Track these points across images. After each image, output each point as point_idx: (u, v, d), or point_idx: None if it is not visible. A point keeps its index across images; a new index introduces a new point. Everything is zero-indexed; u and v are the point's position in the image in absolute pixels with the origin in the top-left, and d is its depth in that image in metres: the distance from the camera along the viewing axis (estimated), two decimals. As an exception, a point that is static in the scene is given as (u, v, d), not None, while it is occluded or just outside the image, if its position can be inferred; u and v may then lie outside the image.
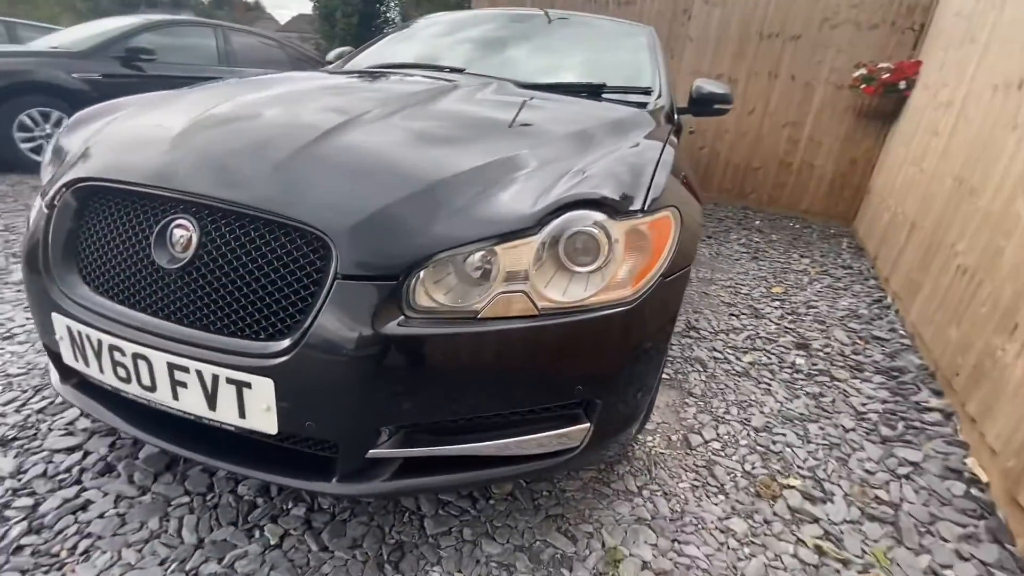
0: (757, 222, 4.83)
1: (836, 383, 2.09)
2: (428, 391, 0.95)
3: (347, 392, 0.92)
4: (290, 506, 1.24)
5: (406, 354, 0.91)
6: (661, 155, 1.25)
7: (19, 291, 2.15)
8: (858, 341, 2.48)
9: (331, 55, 2.73)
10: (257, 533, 1.16)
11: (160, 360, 0.95)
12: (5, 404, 1.48)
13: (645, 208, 1.06)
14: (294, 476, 1.00)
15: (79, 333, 1.01)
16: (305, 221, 0.91)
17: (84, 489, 1.22)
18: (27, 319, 1.93)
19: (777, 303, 2.85)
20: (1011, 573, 1.25)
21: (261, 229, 0.94)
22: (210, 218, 0.96)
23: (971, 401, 1.78)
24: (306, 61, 6.07)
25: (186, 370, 0.93)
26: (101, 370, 1.02)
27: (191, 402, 0.96)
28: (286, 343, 0.89)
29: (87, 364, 1.04)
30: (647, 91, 2.06)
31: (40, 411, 1.47)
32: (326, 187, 0.97)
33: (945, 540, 1.34)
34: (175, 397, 0.97)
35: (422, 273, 0.91)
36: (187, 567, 1.07)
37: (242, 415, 0.94)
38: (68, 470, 1.27)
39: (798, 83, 5.12)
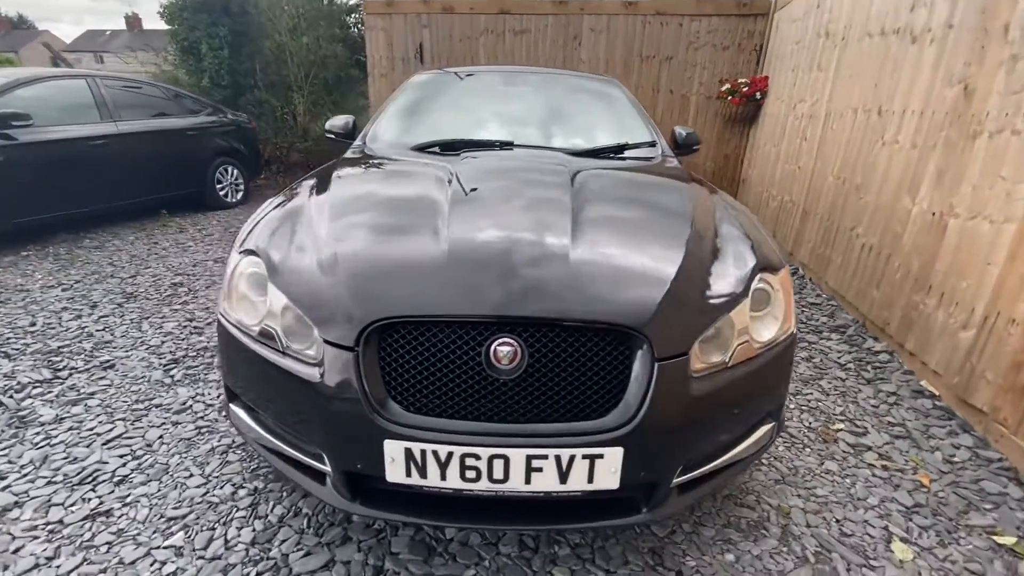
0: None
1: (812, 345, 2.81)
2: (709, 427, 1.29)
3: (671, 443, 1.22)
4: (555, 549, 1.48)
5: (702, 406, 1.24)
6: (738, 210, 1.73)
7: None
8: (804, 308, 3.28)
9: (336, 124, 2.75)
10: (547, 577, 1.39)
11: (519, 455, 1.15)
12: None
13: (781, 263, 1.51)
14: (611, 518, 1.27)
15: (421, 451, 1.16)
16: (623, 324, 1.18)
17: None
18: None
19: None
20: (983, 443, 1.97)
21: (581, 334, 1.19)
22: (532, 332, 1.18)
23: (907, 341, 2.58)
24: (189, 100, 5.56)
25: (544, 457, 1.15)
26: (443, 477, 1.17)
27: (543, 483, 1.18)
28: (632, 417, 1.17)
29: (423, 476, 1.18)
30: (652, 144, 2.53)
31: (251, 542, 1.47)
32: (615, 289, 1.25)
33: (940, 438, 2.04)
34: (527, 482, 1.17)
35: (696, 345, 1.25)
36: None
37: (590, 481, 1.18)
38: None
39: (676, 95, 6.10)
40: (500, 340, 1.18)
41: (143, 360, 2.44)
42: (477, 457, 1.15)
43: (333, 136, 2.76)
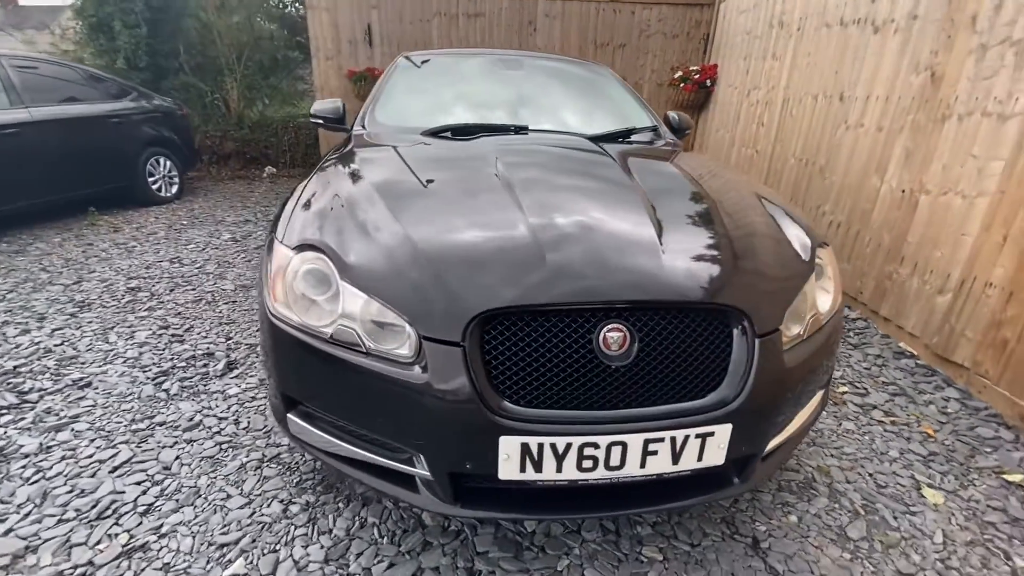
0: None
1: (796, 317, 3.01)
2: (794, 397, 1.34)
3: (770, 415, 1.26)
4: (638, 530, 1.49)
5: (793, 377, 1.29)
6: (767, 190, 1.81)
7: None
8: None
9: (324, 108, 2.56)
10: (642, 558, 1.40)
11: (637, 440, 1.14)
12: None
13: (825, 240, 1.60)
14: (707, 492, 1.29)
15: (539, 445, 1.11)
16: (726, 303, 1.20)
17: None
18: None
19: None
20: (967, 395, 2.22)
21: (684, 315, 1.19)
22: (639, 316, 1.17)
23: (882, 308, 2.83)
24: (112, 83, 4.97)
25: (661, 440, 1.15)
26: (559, 469, 1.14)
27: (657, 465, 1.17)
28: (738, 393, 1.19)
29: (538, 470, 1.14)
30: (655, 128, 2.58)
31: (324, 560, 1.36)
32: (709, 269, 1.27)
33: (930, 392, 2.27)
34: (642, 466, 1.17)
35: (785, 319, 1.29)
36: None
37: (699, 459, 1.20)
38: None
39: (630, 82, 6.20)
40: (610, 326, 1.15)
41: (124, 375, 2.17)
42: (596, 446, 1.13)
43: (321, 121, 2.57)
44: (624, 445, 1.14)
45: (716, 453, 1.21)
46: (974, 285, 2.24)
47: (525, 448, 1.12)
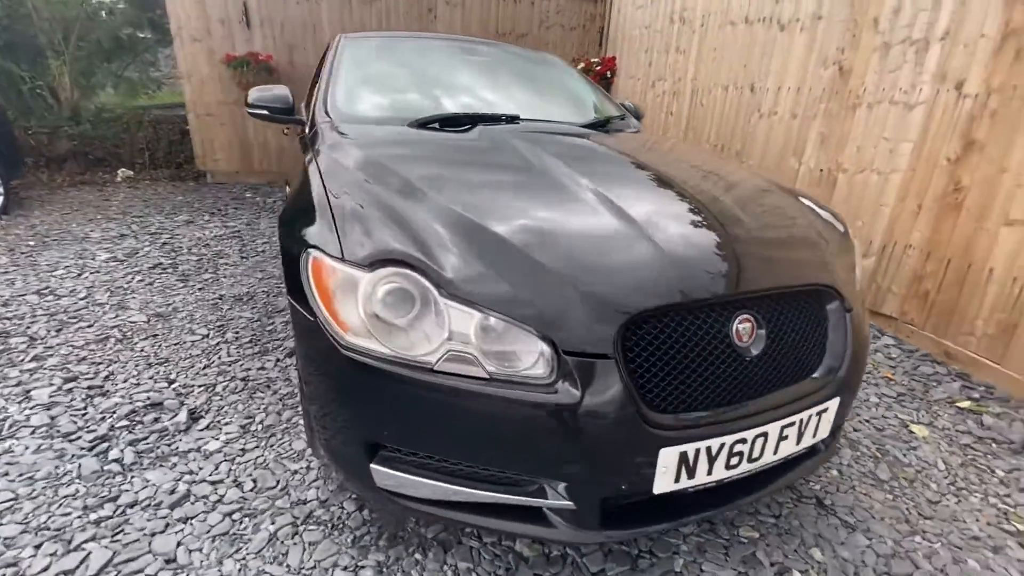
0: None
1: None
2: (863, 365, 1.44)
3: (861, 380, 1.34)
4: (727, 515, 1.51)
5: (866, 346, 1.38)
6: None
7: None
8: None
9: (266, 97, 2.18)
10: (742, 539, 1.42)
11: (775, 428, 1.13)
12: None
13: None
14: (804, 466, 1.34)
15: (696, 451, 1.05)
16: (824, 283, 1.25)
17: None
18: None
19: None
20: (899, 341, 2.62)
21: (792, 299, 1.21)
22: (761, 305, 1.16)
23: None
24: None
25: (792, 424, 1.16)
26: (709, 472, 1.09)
27: (786, 448, 1.18)
28: (839, 366, 1.24)
29: (692, 476, 1.08)
30: (623, 117, 2.62)
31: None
32: (799, 253, 1.31)
33: (871, 342, 2.64)
34: (775, 452, 1.17)
35: None
36: None
37: (813, 435, 1.23)
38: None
39: (533, 73, 6.30)
40: (741, 317, 1.13)
41: (43, 450, 1.64)
42: (744, 441, 1.11)
43: (265, 112, 2.18)
44: (766, 435, 1.14)
45: (825, 427, 1.26)
46: (895, 248, 2.65)
47: (683, 457, 1.06)
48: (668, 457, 1.05)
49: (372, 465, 1.13)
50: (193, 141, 5.61)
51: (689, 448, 1.06)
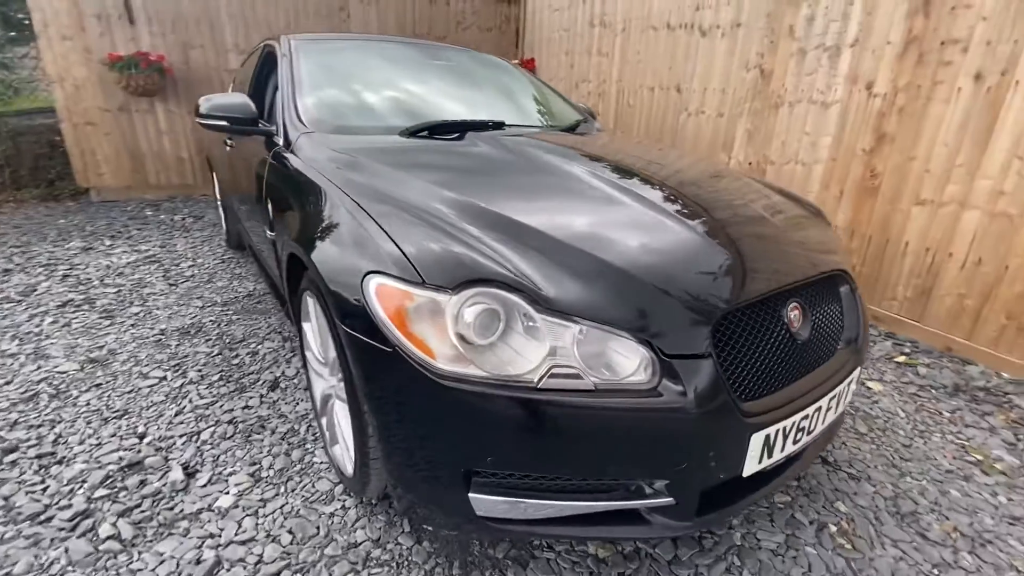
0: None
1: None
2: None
3: (867, 352, 1.52)
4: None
5: (866, 313, 1.58)
6: None
7: None
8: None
9: (225, 105, 1.95)
10: (779, 504, 1.56)
11: (826, 401, 1.26)
12: None
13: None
14: (834, 434, 1.50)
15: (776, 432, 1.14)
16: (842, 268, 1.41)
17: None
18: None
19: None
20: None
21: (820, 284, 1.36)
22: (803, 292, 1.28)
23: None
24: None
25: (835, 396, 1.30)
26: (782, 449, 1.19)
27: (828, 418, 1.31)
28: (856, 337, 1.41)
29: (771, 456, 1.17)
30: (586, 120, 2.71)
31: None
32: (815, 243, 1.45)
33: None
34: (823, 422, 1.30)
35: None
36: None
37: (844, 403, 1.39)
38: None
39: (453, 75, 6.24)
40: (792, 305, 1.25)
41: (5, 539, 1.35)
42: (807, 417, 1.22)
43: (223, 123, 1.96)
44: (820, 409, 1.26)
45: (851, 394, 1.43)
46: (823, 229, 3.01)
47: (767, 440, 1.14)
48: (757, 441, 1.13)
49: (471, 494, 1.09)
50: (70, 154, 4.84)
51: (772, 430, 1.14)
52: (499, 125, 2.07)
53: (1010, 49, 2.15)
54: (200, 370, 2.20)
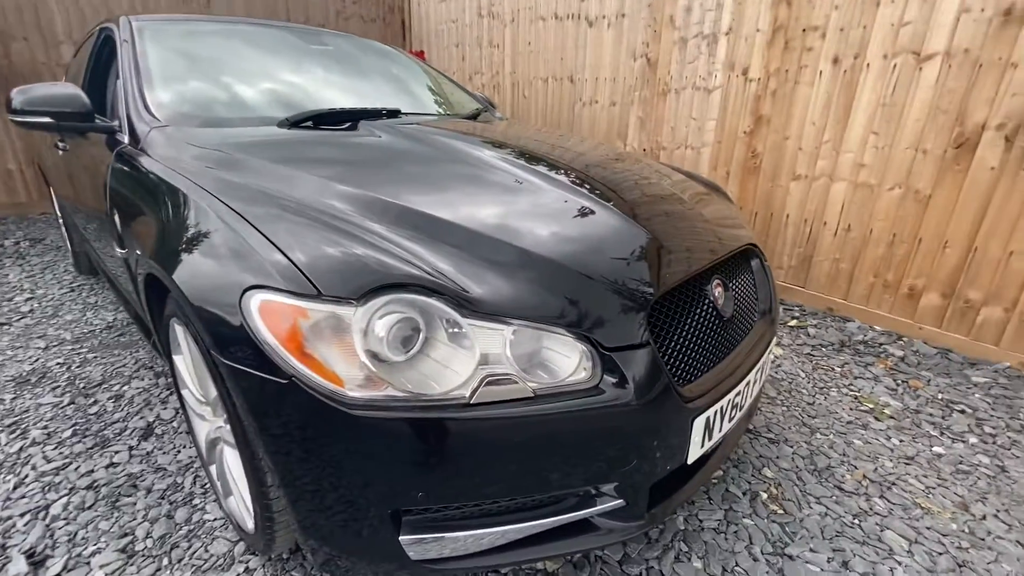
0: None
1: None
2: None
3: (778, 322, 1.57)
4: (690, 463, 1.64)
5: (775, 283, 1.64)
6: None
7: None
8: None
9: (50, 96, 1.58)
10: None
11: (752, 375, 1.26)
12: None
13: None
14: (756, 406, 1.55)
15: (715, 414, 1.11)
16: (750, 243, 1.43)
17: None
18: None
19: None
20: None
21: (736, 260, 1.37)
22: (723, 268, 1.28)
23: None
24: None
25: (759, 368, 1.31)
26: (720, 429, 1.17)
27: (754, 391, 1.33)
28: (770, 309, 1.45)
29: (711, 438, 1.14)
30: (487, 109, 2.62)
31: None
32: (726, 222, 1.46)
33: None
34: (751, 396, 1.31)
35: None
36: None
37: (763, 375, 1.42)
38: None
39: (337, 69, 5.84)
40: (715, 282, 1.24)
41: None
42: (739, 393, 1.22)
43: (47, 120, 1.59)
44: (749, 383, 1.27)
45: (769, 365, 1.47)
46: (716, 208, 3.19)
47: (707, 423, 1.12)
48: (699, 425, 1.09)
49: (402, 537, 0.93)
50: None
51: (710, 412, 1.12)
52: (395, 113, 1.90)
53: (860, 34, 2.38)
54: (46, 426, 1.79)
